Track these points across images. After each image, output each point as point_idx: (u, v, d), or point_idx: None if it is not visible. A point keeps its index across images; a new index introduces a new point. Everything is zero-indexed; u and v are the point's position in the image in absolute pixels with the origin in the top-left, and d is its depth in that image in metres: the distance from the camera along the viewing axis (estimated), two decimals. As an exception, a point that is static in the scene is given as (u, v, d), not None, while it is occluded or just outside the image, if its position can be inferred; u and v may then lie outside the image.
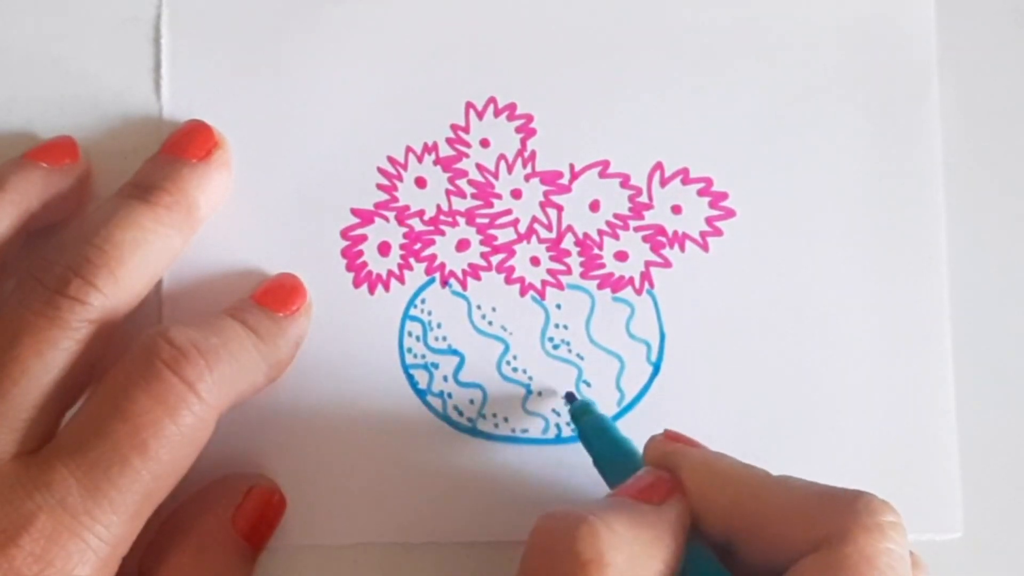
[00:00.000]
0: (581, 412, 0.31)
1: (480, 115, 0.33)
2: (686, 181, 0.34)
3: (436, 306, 0.33)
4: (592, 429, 0.31)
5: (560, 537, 0.25)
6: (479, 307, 0.33)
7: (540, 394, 0.33)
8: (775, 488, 0.26)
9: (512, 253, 0.33)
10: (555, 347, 0.33)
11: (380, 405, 0.32)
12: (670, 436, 0.29)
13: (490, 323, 0.33)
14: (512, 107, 0.33)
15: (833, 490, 0.26)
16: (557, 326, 0.33)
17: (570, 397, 0.32)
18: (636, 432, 0.31)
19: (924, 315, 0.33)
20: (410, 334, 0.33)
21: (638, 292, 0.33)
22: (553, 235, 0.33)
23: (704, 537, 0.27)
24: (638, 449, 0.30)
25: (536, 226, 0.33)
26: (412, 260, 0.33)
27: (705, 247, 0.33)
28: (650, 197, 0.34)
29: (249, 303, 0.31)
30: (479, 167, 0.33)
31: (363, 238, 0.33)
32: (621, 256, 0.33)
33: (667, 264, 0.33)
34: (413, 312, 0.33)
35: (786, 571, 0.25)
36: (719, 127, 0.34)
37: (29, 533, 0.26)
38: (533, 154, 0.33)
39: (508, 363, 0.33)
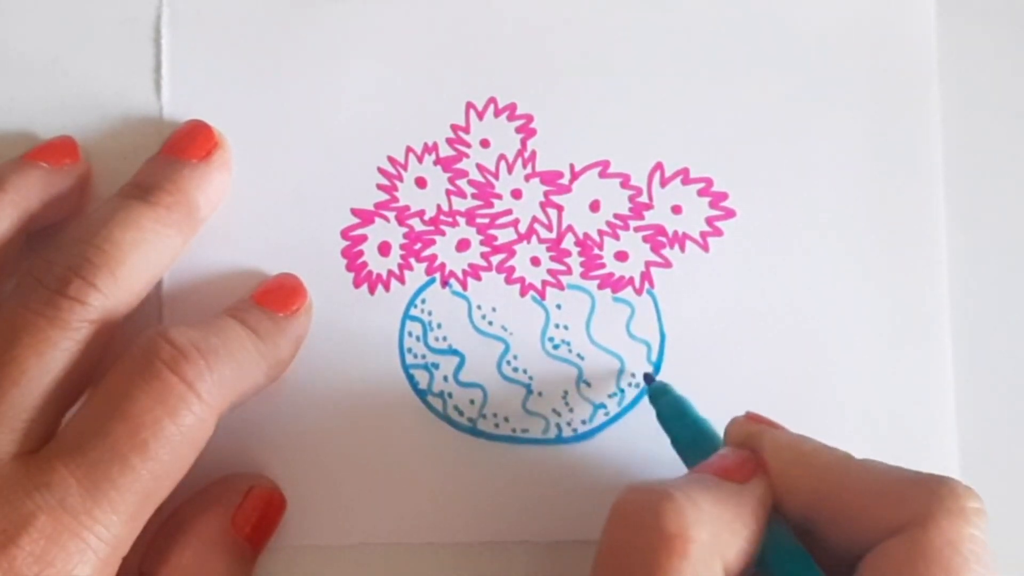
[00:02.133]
0: (659, 393, 0.31)
1: (480, 115, 0.33)
2: (686, 181, 0.34)
3: (436, 306, 0.33)
4: (670, 410, 0.31)
5: (644, 511, 0.25)
6: (479, 307, 0.33)
7: (540, 394, 0.33)
8: (858, 471, 0.26)
9: (512, 253, 0.33)
10: (555, 347, 0.33)
11: (380, 405, 0.32)
12: (752, 417, 0.29)
13: (490, 323, 0.33)
14: (512, 107, 0.33)
15: (917, 474, 0.26)
16: (557, 326, 0.33)
17: (648, 378, 0.32)
18: (636, 431, 0.31)
19: (924, 314, 0.33)
20: (410, 334, 0.33)
21: (638, 292, 0.33)
22: (553, 235, 0.33)
23: (784, 518, 0.27)
24: (717, 430, 0.30)
25: (536, 226, 0.33)
26: (412, 260, 0.33)
27: (705, 247, 0.33)
28: (650, 197, 0.34)
29: (249, 303, 0.31)
30: (479, 167, 0.33)
31: (363, 238, 0.33)
32: (621, 256, 0.33)
33: (667, 264, 0.33)
34: (413, 312, 0.33)
35: (866, 554, 0.25)
36: (719, 127, 0.34)
37: (29, 533, 0.26)
38: (533, 154, 0.33)
39: (508, 363, 0.33)
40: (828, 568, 0.26)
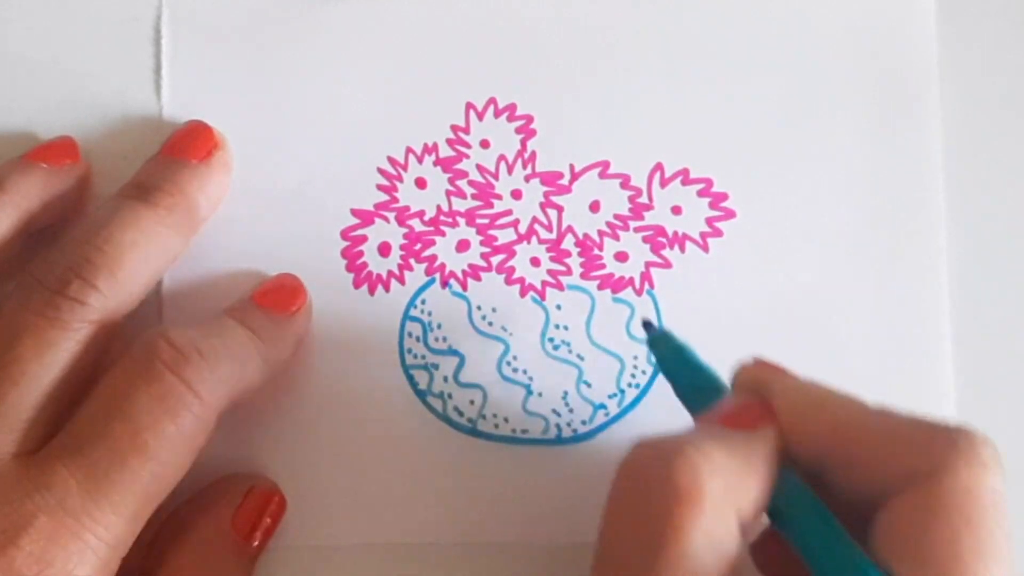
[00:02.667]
0: (660, 341, 0.30)
1: (480, 116, 0.33)
2: (686, 182, 0.34)
3: (436, 307, 0.33)
4: (672, 357, 0.30)
5: (655, 466, 0.25)
6: (479, 308, 0.33)
7: (540, 395, 0.33)
8: (872, 417, 0.26)
9: (512, 254, 0.33)
10: (555, 348, 0.33)
11: (380, 406, 0.32)
12: (760, 363, 0.29)
13: (490, 324, 0.33)
14: (512, 108, 0.33)
15: (934, 422, 0.25)
16: (557, 327, 0.33)
17: (648, 327, 0.31)
18: (636, 432, 0.31)
19: (924, 314, 0.33)
20: (410, 335, 0.33)
21: (638, 293, 0.33)
22: (553, 236, 0.33)
23: (795, 465, 0.26)
24: (721, 376, 0.29)
25: (536, 227, 0.33)
26: (412, 261, 0.33)
27: (705, 248, 0.33)
28: (650, 198, 0.34)
29: (249, 304, 0.31)
30: (479, 168, 0.33)
31: (363, 239, 0.33)
32: (621, 257, 0.33)
33: (667, 265, 0.33)
34: (413, 313, 0.33)
35: (881, 501, 0.25)
36: (719, 128, 0.34)
37: (29, 534, 0.26)
38: (533, 155, 0.33)
39: (508, 364, 0.33)
40: (839, 514, 0.25)
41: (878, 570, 0.24)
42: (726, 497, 0.24)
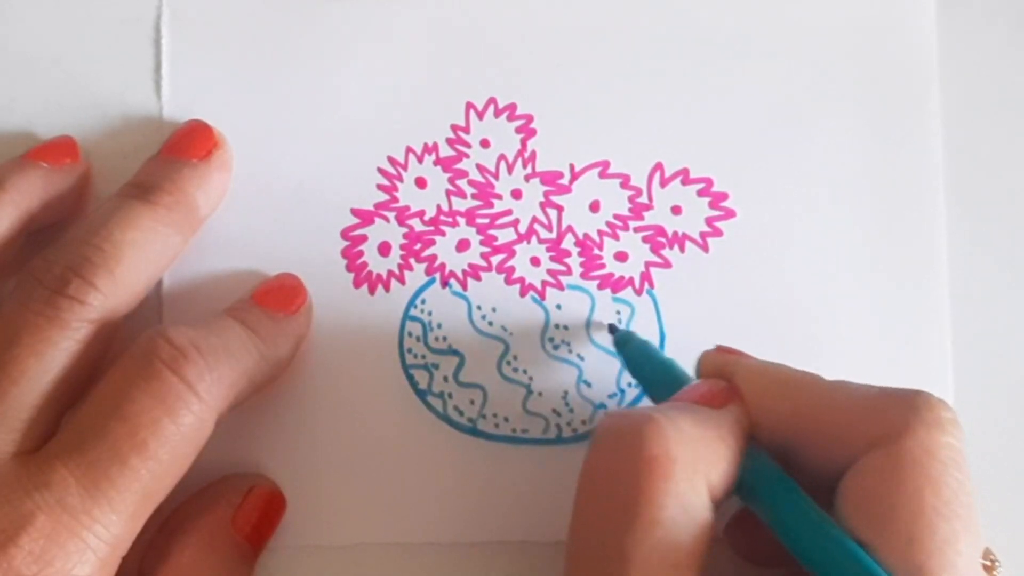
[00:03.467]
0: (624, 341, 0.32)
1: (480, 115, 0.33)
2: (686, 182, 0.34)
3: (436, 306, 0.33)
4: (638, 355, 0.31)
5: (626, 434, 0.25)
6: (479, 307, 0.33)
7: (540, 394, 0.33)
8: (832, 391, 0.27)
9: (512, 253, 0.33)
10: (555, 347, 0.33)
11: (380, 405, 0.32)
12: (722, 349, 0.30)
13: (490, 323, 0.33)
14: (512, 107, 0.34)
15: (890, 389, 0.26)
16: (557, 326, 0.33)
17: (612, 328, 0.33)
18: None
19: (924, 314, 0.33)
20: (410, 334, 0.33)
21: (638, 292, 0.33)
22: (553, 235, 0.33)
23: (763, 444, 0.27)
24: (686, 370, 0.30)
25: (536, 226, 0.33)
26: (412, 260, 0.33)
27: (705, 247, 0.33)
28: (650, 198, 0.34)
29: (249, 303, 0.31)
30: (479, 167, 0.33)
31: (363, 238, 0.33)
32: (621, 256, 0.33)
33: (667, 264, 0.33)
34: (413, 312, 0.33)
35: (846, 470, 0.25)
36: (719, 128, 0.34)
37: (28, 533, 0.26)
38: (533, 154, 0.33)
39: (508, 363, 0.33)
40: (811, 490, 0.26)
41: (848, 538, 0.24)
42: (695, 466, 0.25)
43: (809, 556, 0.24)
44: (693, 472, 0.25)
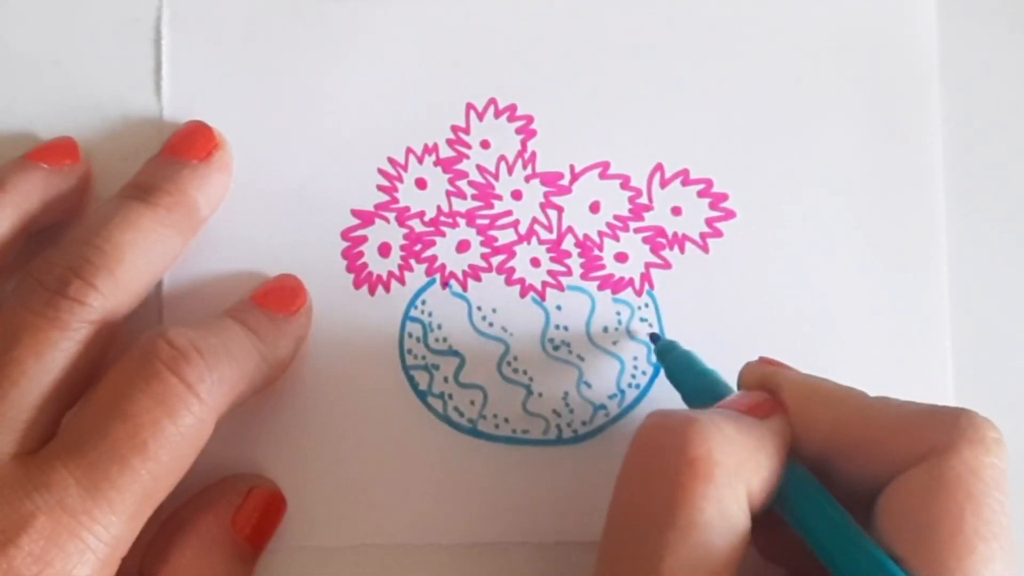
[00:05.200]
0: (667, 350, 0.31)
1: (480, 116, 0.33)
2: (686, 182, 0.34)
3: (436, 307, 0.33)
4: (679, 365, 0.31)
5: (669, 435, 0.25)
6: (479, 308, 0.33)
7: (541, 395, 0.33)
8: (877, 406, 0.26)
9: (512, 254, 0.33)
10: (555, 348, 0.33)
11: (380, 406, 0.32)
12: (766, 361, 0.30)
13: (490, 324, 0.33)
14: (512, 108, 0.34)
15: (935, 407, 0.26)
16: (557, 327, 0.33)
17: (654, 337, 0.32)
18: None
19: (924, 314, 0.33)
20: (410, 335, 0.33)
21: (638, 293, 0.33)
22: (553, 236, 0.33)
23: (802, 458, 0.27)
24: (727, 380, 0.30)
25: (536, 227, 0.33)
26: (412, 261, 0.33)
27: (705, 248, 0.33)
28: (650, 198, 0.34)
29: (249, 304, 0.31)
30: (479, 168, 0.33)
31: (363, 239, 0.33)
32: (621, 257, 0.33)
33: (667, 265, 0.33)
34: (413, 313, 0.33)
35: (885, 486, 0.25)
36: (719, 129, 0.34)
37: (28, 534, 0.26)
38: (533, 155, 0.33)
39: (508, 364, 0.33)
40: (847, 506, 0.26)
41: (885, 554, 0.24)
42: (737, 472, 0.25)
43: (844, 570, 0.24)
44: (735, 478, 0.25)
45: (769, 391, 0.28)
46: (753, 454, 0.25)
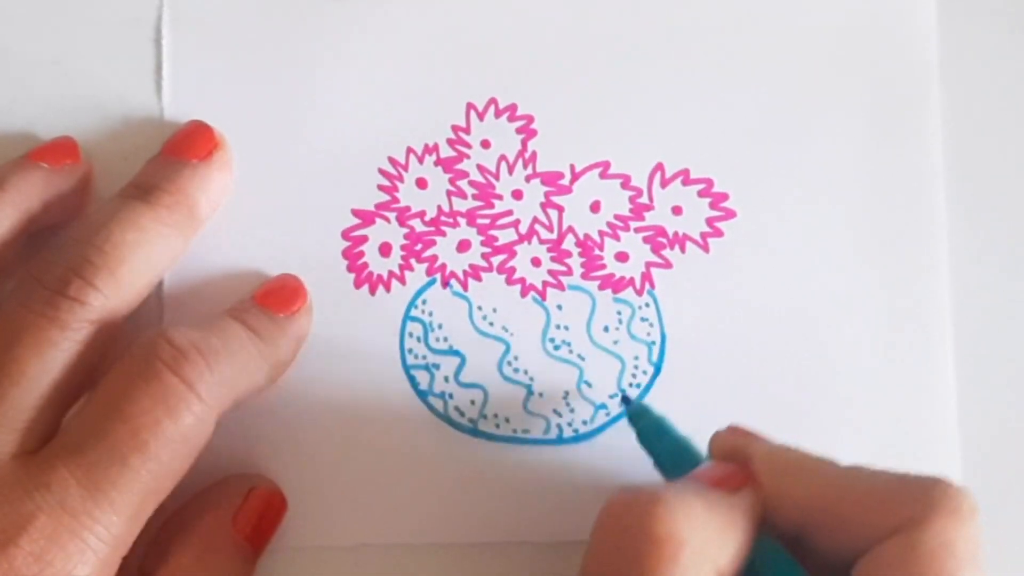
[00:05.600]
0: (639, 415, 0.31)
1: (481, 116, 0.33)
2: (687, 182, 0.34)
3: (437, 307, 0.33)
4: (651, 430, 0.30)
5: (634, 514, 0.25)
6: (480, 308, 0.33)
7: (541, 395, 0.33)
8: (849, 477, 0.26)
9: (513, 254, 0.33)
10: (556, 348, 0.33)
11: (381, 406, 0.32)
12: (735, 430, 0.29)
13: (491, 324, 0.33)
14: (513, 108, 0.34)
15: (909, 477, 0.26)
16: (558, 327, 0.33)
17: (626, 400, 0.32)
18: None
19: (925, 315, 0.33)
20: (411, 335, 0.33)
21: (639, 293, 0.33)
22: (554, 236, 0.33)
23: (774, 529, 0.26)
24: (699, 448, 0.29)
25: (537, 227, 0.33)
26: (413, 261, 0.33)
27: (706, 248, 0.33)
28: (651, 198, 0.34)
29: (250, 304, 0.31)
30: (480, 168, 0.33)
31: (364, 239, 0.33)
32: (622, 257, 0.33)
33: (668, 265, 0.33)
34: (414, 313, 0.33)
35: (859, 557, 0.25)
36: (720, 128, 0.34)
37: (29, 533, 0.26)
38: (534, 155, 0.33)
39: (509, 364, 0.33)
40: None
41: None
42: (704, 551, 0.24)
43: None
44: (701, 557, 0.24)
45: (740, 461, 0.27)
46: (721, 532, 0.25)
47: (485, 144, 0.33)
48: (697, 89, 0.34)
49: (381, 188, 0.33)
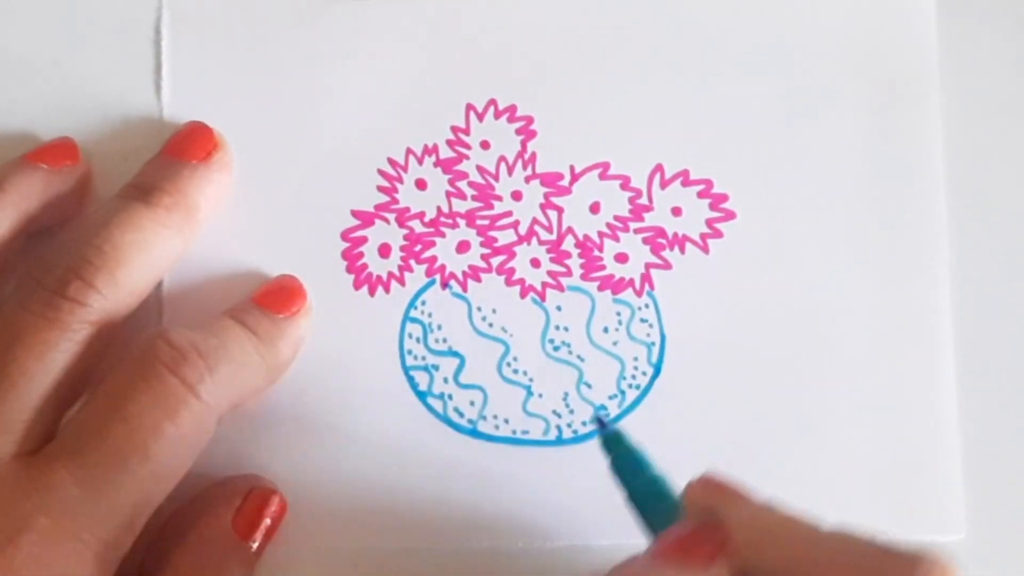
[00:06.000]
0: (613, 443, 0.29)
1: (480, 117, 0.33)
2: (686, 183, 0.34)
3: (436, 308, 0.33)
4: (625, 464, 0.29)
5: None
6: (479, 309, 0.33)
7: (541, 396, 0.33)
8: (831, 544, 0.25)
9: (512, 255, 0.33)
10: (555, 349, 0.33)
11: (380, 407, 0.32)
12: (709, 483, 0.27)
13: (490, 325, 0.33)
14: (512, 109, 0.34)
15: (892, 550, 0.25)
16: (557, 328, 0.33)
17: (600, 423, 0.30)
18: (637, 433, 0.31)
19: (925, 316, 0.33)
20: (410, 336, 0.33)
21: (638, 294, 0.33)
22: (553, 237, 0.33)
23: None
24: (674, 490, 0.28)
25: (536, 228, 0.33)
26: (412, 262, 0.33)
27: (705, 249, 0.33)
28: (650, 199, 0.34)
29: (249, 305, 0.31)
30: (479, 169, 0.33)
31: (363, 240, 0.33)
32: (621, 258, 0.33)
33: (667, 266, 0.33)
34: (413, 314, 0.33)
35: None
36: (719, 129, 0.34)
37: (28, 534, 0.26)
38: (533, 156, 0.33)
39: (508, 365, 0.33)
40: None
41: None
42: None
43: None
44: None
45: (715, 519, 0.26)
46: None
47: (485, 145, 0.33)
48: (697, 90, 0.34)
49: (380, 189, 0.33)
